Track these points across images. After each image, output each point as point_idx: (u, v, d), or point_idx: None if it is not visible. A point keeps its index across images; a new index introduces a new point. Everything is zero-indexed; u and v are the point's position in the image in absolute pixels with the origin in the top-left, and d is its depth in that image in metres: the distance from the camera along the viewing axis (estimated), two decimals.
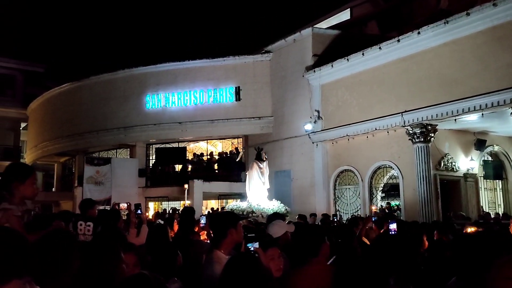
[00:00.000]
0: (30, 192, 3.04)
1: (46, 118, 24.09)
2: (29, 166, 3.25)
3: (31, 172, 3.07)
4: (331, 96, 15.87)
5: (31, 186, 3.03)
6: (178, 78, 19.41)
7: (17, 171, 3.12)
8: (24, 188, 3.02)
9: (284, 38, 17.78)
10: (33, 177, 3.06)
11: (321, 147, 16.15)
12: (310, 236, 3.15)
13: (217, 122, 18.70)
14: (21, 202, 3.04)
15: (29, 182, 3.03)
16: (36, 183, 3.06)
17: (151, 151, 21.29)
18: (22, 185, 3.02)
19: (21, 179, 3.03)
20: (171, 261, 3.66)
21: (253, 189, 13.25)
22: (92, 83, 21.35)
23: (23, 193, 3.02)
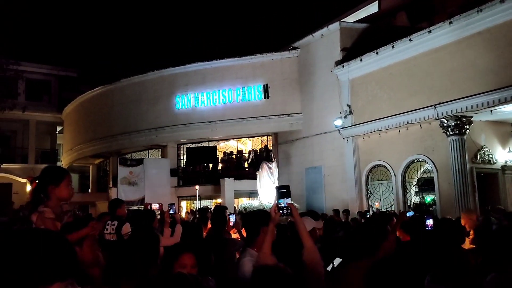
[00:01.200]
0: (65, 194, 3.12)
1: (80, 121, 24.74)
2: (63, 168, 3.34)
3: (65, 175, 3.14)
4: (361, 90, 15.65)
5: (66, 188, 3.10)
6: (207, 78, 19.56)
7: (51, 174, 3.20)
8: (60, 190, 3.10)
9: (312, 34, 17.63)
10: (68, 180, 3.13)
11: (352, 143, 15.95)
12: (367, 234, 3.02)
13: (246, 120, 18.74)
14: (57, 204, 3.11)
15: (63, 184, 3.10)
16: (71, 185, 3.12)
17: (182, 150, 21.55)
18: (57, 187, 3.10)
19: (56, 182, 3.11)
20: (206, 260, 3.70)
21: (263, 188, 13.68)
22: (123, 85, 21.77)
23: (59, 195, 3.10)
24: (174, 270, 2.61)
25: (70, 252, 1.09)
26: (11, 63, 16.78)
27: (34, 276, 0.99)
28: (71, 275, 1.05)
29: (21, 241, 1.04)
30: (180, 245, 3.00)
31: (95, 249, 3.58)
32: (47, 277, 1.00)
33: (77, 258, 1.11)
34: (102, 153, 23.42)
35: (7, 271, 0.98)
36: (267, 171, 14.07)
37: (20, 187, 27.46)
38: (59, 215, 3.10)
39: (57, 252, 1.04)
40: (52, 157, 29.16)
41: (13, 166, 26.33)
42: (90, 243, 2.97)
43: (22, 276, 0.98)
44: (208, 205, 19.65)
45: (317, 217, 5.36)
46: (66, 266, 1.04)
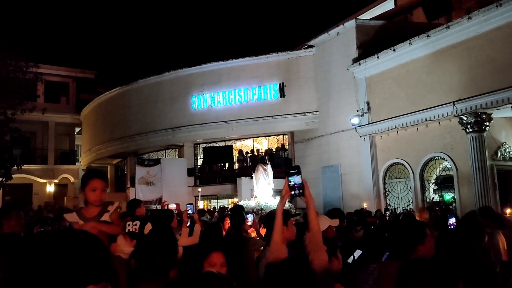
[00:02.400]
0: (91, 199, 3.24)
1: (98, 122, 25.06)
2: (86, 174, 3.44)
3: (86, 181, 3.27)
4: (378, 88, 15.53)
5: (89, 193, 3.23)
6: (222, 78, 19.63)
7: (82, 179, 3.43)
8: (87, 195, 3.25)
9: (327, 32, 17.56)
10: (90, 185, 3.23)
11: (369, 141, 15.85)
12: (404, 234, 2.92)
13: (262, 119, 18.76)
14: (90, 207, 3.27)
15: (87, 189, 3.24)
16: (98, 189, 3.21)
17: (198, 150, 21.68)
18: (84, 192, 3.26)
19: (83, 187, 3.28)
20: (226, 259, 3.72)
21: (260, 189, 14.36)
22: (140, 86, 21.98)
23: (88, 200, 3.26)
24: (203, 269, 2.63)
25: (106, 254, 1.10)
26: (31, 66, 17.06)
27: (71, 277, 1.00)
28: (105, 278, 1.06)
29: (60, 242, 1.05)
30: (209, 243, 3.00)
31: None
32: (82, 279, 1.01)
33: (112, 261, 1.13)
34: (119, 153, 23.69)
35: (46, 272, 0.99)
36: (262, 173, 14.63)
37: (40, 187, 27.97)
38: (94, 217, 3.25)
39: (94, 253, 1.05)
40: (71, 158, 29.63)
41: (33, 167, 26.80)
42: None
43: (59, 277, 0.99)
44: (225, 204, 19.75)
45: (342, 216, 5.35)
46: (102, 268, 1.05)
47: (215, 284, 1.43)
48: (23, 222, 4.08)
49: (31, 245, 1.04)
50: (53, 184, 28.11)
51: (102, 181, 3.26)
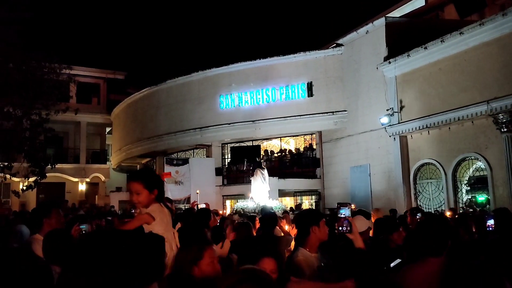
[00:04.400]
0: (130, 199, 3.29)
1: (128, 122, 25.51)
2: (130, 175, 3.51)
3: (127, 183, 3.33)
4: (408, 87, 15.25)
5: (129, 195, 3.27)
6: (250, 77, 19.66)
7: None
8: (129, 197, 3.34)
9: (356, 30, 17.35)
10: (128, 187, 3.29)
11: (399, 140, 15.57)
12: (436, 232, 2.79)
13: (290, 119, 18.69)
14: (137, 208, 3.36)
15: (129, 192, 3.30)
16: (131, 192, 3.22)
17: (226, 150, 21.78)
18: None
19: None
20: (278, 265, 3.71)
21: (258, 191, 15.31)
22: (168, 86, 22.25)
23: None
24: None
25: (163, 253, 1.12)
26: (64, 68, 17.48)
27: (141, 276, 1.01)
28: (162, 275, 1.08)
29: (128, 241, 1.07)
30: (260, 247, 2.90)
31: None
32: (150, 277, 1.03)
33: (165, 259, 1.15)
34: (149, 153, 24.04)
35: (118, 270, 1.01)
36: (260, 177, 15.48)
37: (72, 186, 28.71)
38: None
39: (159, 253, 1.07)
40: (102, 157, 30.30)
41: (66, 166, 27.51)
42: None
43: (130, 275, 1.01)
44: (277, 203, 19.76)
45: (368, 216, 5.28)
46: (163, 266, 1.07)
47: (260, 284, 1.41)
48: (62, 220, 4.18)
49: (102, 243, 1.06)
50: (85, 182, 28.80)
51: (135, 183, 3.14)
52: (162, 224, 3.18)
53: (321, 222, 3.31)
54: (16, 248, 2.65)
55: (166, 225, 3.25)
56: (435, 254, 2.64)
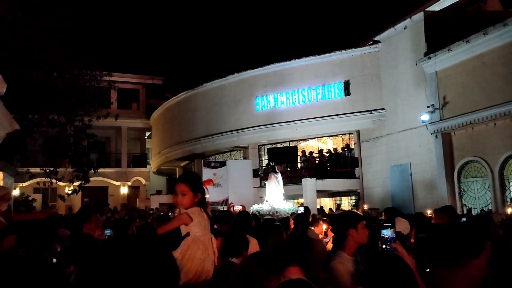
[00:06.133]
0: (174, 200, 3.32)
1: (166, 126, 25.98)
2: (177, 179, 3.63)
3: (175, 184, 3.38)
4: (450, 82, 14.73)
5: (174, 196, 3.33)
6: (286, 78, 19.58)
7: None
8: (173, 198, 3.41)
9: (394, 26, 16.95)
10: (175, 188, 3.34)
11: (441, 138, 15.06)
12: (472, 234, 2.71)
13: (327, 119, 18.47)
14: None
15: (174, 192, 3.36)
16: (177, 192, 3.29)
17: (263, 151, 21.78)
18: None
19: None
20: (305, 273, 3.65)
21: (272, 194, 15.78)
22: (205, 90, 22.51)
23: None
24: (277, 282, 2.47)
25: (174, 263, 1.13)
26: (105, 75, 18.00)
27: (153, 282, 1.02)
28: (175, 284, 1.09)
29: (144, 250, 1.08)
30: (286, 254, 2.83)
31: None
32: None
33: None
34: (187, 156, 24.38)
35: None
36: (274, 180, 15.97)
37: (114, 189, 29.54)
38: None
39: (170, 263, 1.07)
40: (142, 161, 31.02)
41: (108, 170, 28.34)
42: None
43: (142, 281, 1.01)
44: (290, 205, 19.65)
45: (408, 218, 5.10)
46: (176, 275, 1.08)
47: None
48: (101, 224, 4.28)
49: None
50: (127, 186, 29.55)
51: (182, 185, 3.25)
52: (199, 227, 3.23)
53: (359, 225, 3.21)
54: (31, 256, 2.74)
55: (204, 229, 3.27)
56: (471, 256, 2.56)
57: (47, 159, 18.28)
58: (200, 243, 3.20)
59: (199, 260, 3.14)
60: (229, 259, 3.60)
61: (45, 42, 14.89)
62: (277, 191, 16.00)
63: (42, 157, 19.35)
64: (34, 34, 14.50)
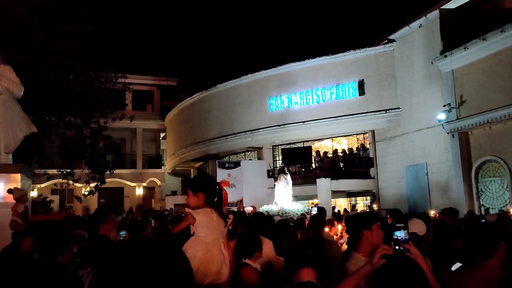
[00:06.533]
0: (188, 202, 3.36)
1: (181, 127, 26.12)
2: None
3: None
4: (466, 81, 14.52)
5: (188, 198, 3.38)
6: (299, 78, 19.53)
7: None
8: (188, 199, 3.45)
9: (408, 25, 16.78)
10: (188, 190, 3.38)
11: (458, 137, 14.85)
12: (484, 235, 2.68)
13: (341, 119, 18.37)
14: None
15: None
16: (188, 194, 3.35)
17: (277, 152, 21.76)
18: None
19: None
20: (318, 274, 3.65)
21: (281, 195, 16.02)
22: (218, 91, 22.57)
23: None
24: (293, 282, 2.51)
25: None
26: (120, 77, 18.18)
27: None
28: None
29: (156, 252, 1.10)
30: (300, 256, 2.86)
31: None
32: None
33: None
34: (201, 156, 24.47)
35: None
36: (283, 181, 16.19)
37: (130, 190, 29.80)
38: None
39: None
40: (157, 162, 31.23)
41: (123, 171, 28.59)
42: None
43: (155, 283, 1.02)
44: (305, 205, 19.59)
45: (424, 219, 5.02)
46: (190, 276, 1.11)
47: None
48: (116, 225, 4.32)
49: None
50: (142, 187, 29.79)
51: (187, 187, 3.39)
52: (203, 227, 3.25)
53: (374, 226, 3.17)
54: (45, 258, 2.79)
55: (209, 229, 3.27)
56: (485, 257, 2.54)
57: (64, 160, 18.53)
58: (202, 244, 3.20)
59: (200, 260, 3.13)
60: (243, 260, 3.61)
61: (62, 45, 15.11)
62: (286, 192, 16.17)
63: (59, 158, 19.62)
64: (50, 38, 14.73)
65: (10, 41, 13.32)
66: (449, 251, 3.65)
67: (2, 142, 8.04)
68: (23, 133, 8.31)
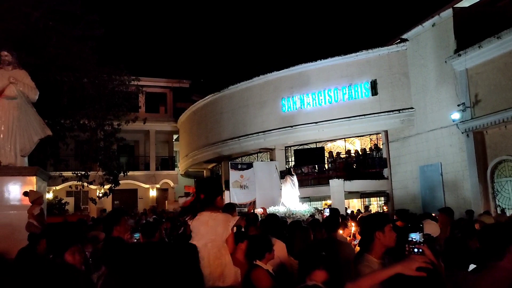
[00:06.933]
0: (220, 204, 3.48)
1: (194, 129, 26.23)
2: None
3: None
4: (481, 80, 14.34)
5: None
6: (311, 79, 19.47)
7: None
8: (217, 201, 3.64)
9: (421, 24, 16.63)
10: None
11: (473, 137, 14.67)
12: (494, 236, 2.67)
13: (354, 119, 18.26)
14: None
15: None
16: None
17: (290, 153, 21.72)
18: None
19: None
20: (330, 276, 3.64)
21: (288, 196, 16.24)
22: (231, 92, 22.62)
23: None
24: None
25: None
26: (133, 80, 18.31)
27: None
28: None
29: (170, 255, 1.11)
30: (313, 258, 2.87)
31: None
32: None
33: None
34: (214, 158, 24.53)
35: None
36: (290, 183, 16.43)
37: (144, 192, 30.01)
38: None
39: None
40: (170, 164, 31.40)
41: (137, 173, 28.82)
42: None
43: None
44: (318, 206, 19.53)
45: None
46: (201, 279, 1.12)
47: None
48: (129, 227, 4.37)
49: None
50: (155, 188, 29.98)
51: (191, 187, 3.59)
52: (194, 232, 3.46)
53: (386, 228, 3.15)
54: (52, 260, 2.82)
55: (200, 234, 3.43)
56: (495, 258, 2.53)
57: (78, 163, 18.72)
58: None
59: None
60: (254, 261, 3.62)
61: (76, 49, 15.29)
62: (293, 193, 16.34)
63: (74, 161, 19.83)
64: (65, 42, 14.92)
65: (25, 45, 13.53)
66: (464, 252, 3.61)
67: (18, 145, 8.17)
68: (38, 137, 8.43)
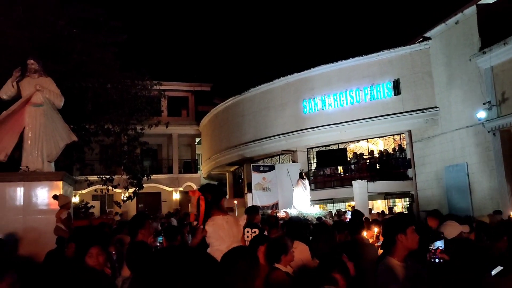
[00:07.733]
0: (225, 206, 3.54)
1: (216, 132, 26.40)
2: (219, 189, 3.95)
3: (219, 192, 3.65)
4: (507, 77, 13.99)
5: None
6: (332, 80, 19.35)
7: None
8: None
9: (445, 22, 16.34)
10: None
11: (499, 136, 14.32)
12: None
13: (376, 119, 18.05)
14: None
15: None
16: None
17: (312, 154, 21.62)
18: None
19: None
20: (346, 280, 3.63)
21: (300, 199, 16.57)
22: (252, 95, 22.67)
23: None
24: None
25: None
26: (155, 84, 18.53)
27: None
28: None
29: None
30: (332, 261, 2.87)
31: None
32: None
33: None
34: (236, 161, 24.61)
35: None
36: (302, 186, 16.70)
37: (167, 195, 30.33)
38: None
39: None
40: (193, 167, 31.66)
41: (160, 176, 29.14)
42: None
43: None
44: (342, 208, 19.37)
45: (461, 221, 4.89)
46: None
47: None
48: (153, 230, 4.43)
49: None
50: (179, 191, 30.26)
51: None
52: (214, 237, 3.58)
53: (408, 230, 3.11)
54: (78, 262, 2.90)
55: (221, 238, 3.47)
56: None
57: (103, 167, 19.04)
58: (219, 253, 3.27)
59: None
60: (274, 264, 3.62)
61: (99, 55, 15.58)
62: (304, 196, 16.66)
63: (99, 165, 20.18)
64: (89, 48, 15.22)
65: (50, 53, 13.85)
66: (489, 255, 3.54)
67: (45, 151, 8.37)
68: (64, 142, 8.62)
